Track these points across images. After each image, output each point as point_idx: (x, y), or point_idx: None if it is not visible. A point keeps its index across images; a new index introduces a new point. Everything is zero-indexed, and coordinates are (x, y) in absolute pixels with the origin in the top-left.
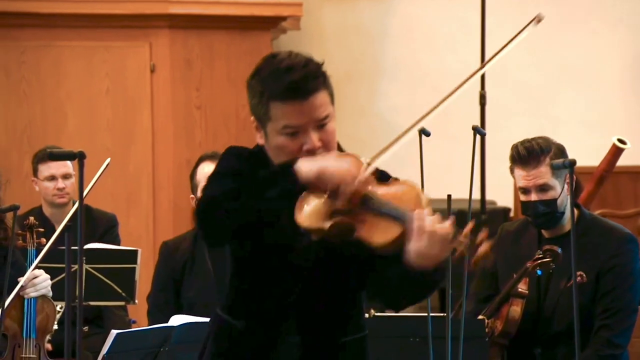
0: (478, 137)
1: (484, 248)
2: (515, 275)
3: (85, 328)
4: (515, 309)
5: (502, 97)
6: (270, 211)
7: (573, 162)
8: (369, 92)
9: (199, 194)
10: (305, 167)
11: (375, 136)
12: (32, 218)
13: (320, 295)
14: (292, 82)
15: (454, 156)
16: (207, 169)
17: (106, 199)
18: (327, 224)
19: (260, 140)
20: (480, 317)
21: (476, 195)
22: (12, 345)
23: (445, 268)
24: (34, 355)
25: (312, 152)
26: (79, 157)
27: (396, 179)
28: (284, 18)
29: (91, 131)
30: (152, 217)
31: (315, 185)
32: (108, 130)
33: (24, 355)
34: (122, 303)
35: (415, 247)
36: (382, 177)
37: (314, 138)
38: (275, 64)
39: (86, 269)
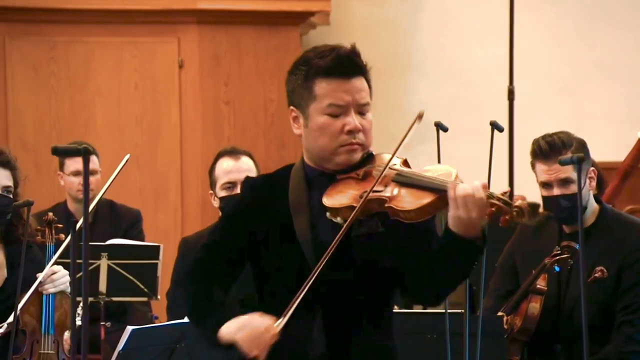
0: (497, 132)
1: (520, 203)
2: (534, 272)
3: (108, 324)
4: (534, 306)
5: (531, 91)
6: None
7: (581, 158)
8: (399, 88)
9: (217, 190)
10: (224, 332)
11: (404, 131)
12: (51, 214)
13: (346, 300)
14: (340, 57)
15: (482, 152)
16: (225, 164)
17: (134, 195)
18: (357, 202)
19: (297, 130)
20: (499, 313)
21: (504, 189)
22: (31, 341)
23: (485, 237)
24: (52, 351)
25: (352, 133)
26: (83, 153)
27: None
28: (312, 13)
29: (119, 127)
30: (180, 212)
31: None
32: (136, 126)
33: (42, 351)
34: (145, 299)
35: (453, 214)
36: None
37: (356, 120)
38: (320, 48)
39: (108, 265)
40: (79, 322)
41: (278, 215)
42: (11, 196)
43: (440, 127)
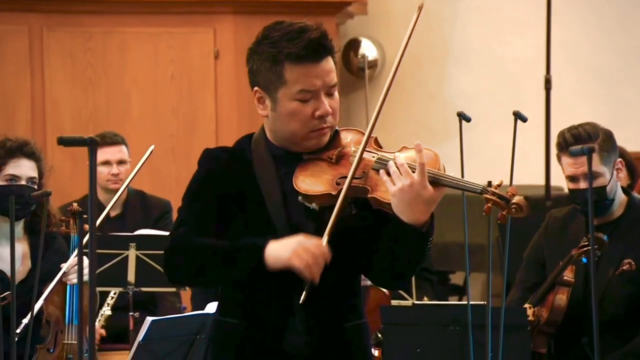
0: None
1: (518, 198)
2: (561, 263)
3: (136, 314)
4: (561, 297)
5: (570, 80)
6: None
7: (592, 149)
8: (437, 78)
9: None
10: (271, 258)
11: (445, 121)
12: (75, 204)
13: (325, 286)
14: (311, 41)
15: (519, 142)
16: None
17: (170, 185)
18: (334, 190)
19: (263, 112)
20: (526, 305)
21: (540, 181)
22: (55, 331)
23: (432, 228)
24: (75, 342)
25: (322, 118)
26: (89, 144)
27: (405, 147)
28: (348, 3)
29: (155, 117)
30: None
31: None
32: (172, 117)
33: (66, 342)
34: (174, 289)
35: (391, 191)
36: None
37: (327, 103)
38: (285, 28)
39: (137, 255)
40: (108, 312)
41: (245, 191)
42: (36, 187)
43: (462, 117)
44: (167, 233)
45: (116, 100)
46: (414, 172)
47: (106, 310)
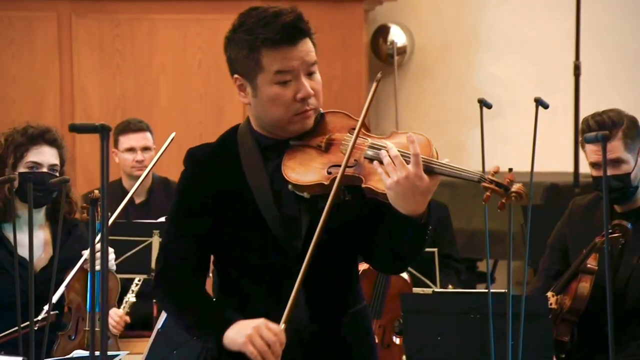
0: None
1: (517, 186)
2: (584, 251)
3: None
4: (584, 285)
5: (600, 66)
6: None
7: (606, 136)
8: (466, 63)
9: None
10: (228, 340)
11: (474, 108)
12: (96, 191)
13: (326, 278)
14: (286, 25)
15: (548, 128)
16: None
17: None
18: (326, 180)
19: (245, 99)
20: (549, 293)
21: (570, 168)
22: (76, 318)
23: (430, 218)
24: (97, 329)
25: (305, 100)
26: (100, 131)
27: (395, 133)
28: None
29: (183, 104)
30: None
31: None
32: (200, 104)
33: (87, 329)
34: None
35: (385, 182)
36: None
37: (307, 85)
38: (260, 13)
39: (160, 242)
40: (132, 299)
41: (234, 188)
42: (57, 174)
43: (484, 103)
44: None
45: (144, 87)
46: (408, 162)
47: (131, 297)
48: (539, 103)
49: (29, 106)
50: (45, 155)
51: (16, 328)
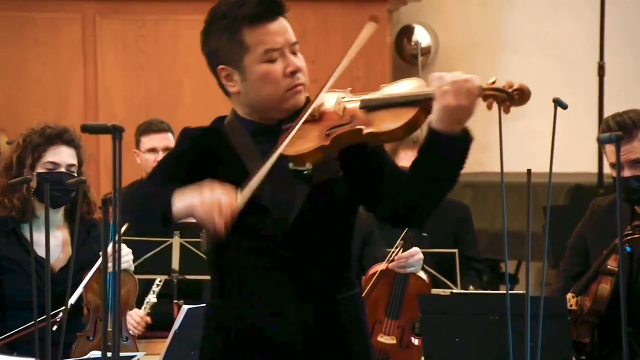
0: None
1: (517, 85)
2: (604, 252)
3: (181, 302)
4: (604, 287)
5: (624, 66)
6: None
7: (620, 137)
8: (490, 63)
9: None
10: (176, 206)
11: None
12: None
13: (310, 253)
14: (261, 1)
15: (571, 128)
16: None
17: None
18: (327, 141)
19: (233, 88)
20: (569, 294)
21: (593, 169)
22: (94, 319)
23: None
24: (110, 329)
25: (294, 75)
26: (113, 131)
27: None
28: None
29: (207, 104)
30: None
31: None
32: (224, 104)
33: (110, 330)
34: None
35: (440, 105)
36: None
37: (294, 60)
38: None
39: (180, 243)
40: (154, 300)
41: (227, 166)
42: (75, 174)
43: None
44: None
45: (168, 88)
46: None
47: (152, 298)
48: (558, 103)
49: (54, 107)
50: (62, 156)
51: (32, 323)
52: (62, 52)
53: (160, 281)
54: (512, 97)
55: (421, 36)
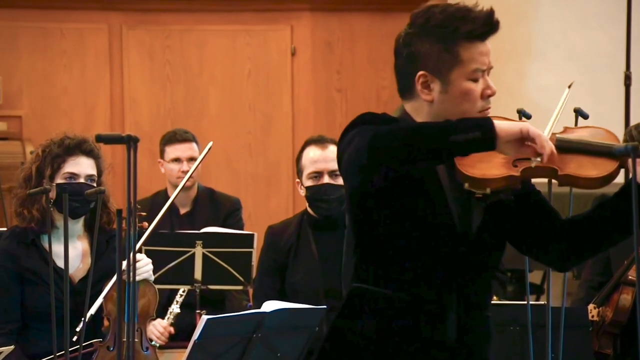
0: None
1: None
2: (626, 262)
3: (203, 311)
4: (626, 297)
5: None
6: (452, 152)
7: (636, 147)
8: (517, 73)
9: (304, 179)
10: (505, 125)
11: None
12: None
13: (477, 269)
14: (488, 17)
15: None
16: (312, 153)
17: (246, 181)
18: (516, 172)
19: (428, 96)
20: (591, 305)
21: (619, 178)
22: (115, 329)
23: None
24: (136, 340)
25: (488, 98)
26: (127, 141)
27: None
28: None
29: (233, 114)
30: (291, 199)
31: (511, 144)
32: (249, 113)
33: (125, 340)
34: (240, 287)
35: None
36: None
37: (492, 83)
38: (448, 9)
39: (203, 253)
40: (177, 310)
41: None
42: (95, 185)
43: (523, 114)
44: (232, 231)
45: (194, 97)
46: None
47: (175, 308)
48: (579, 113)
49: (80, 117)
50: (82, 166)
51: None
52: (89, 63)
53: (183, 291)
54: None
55: None
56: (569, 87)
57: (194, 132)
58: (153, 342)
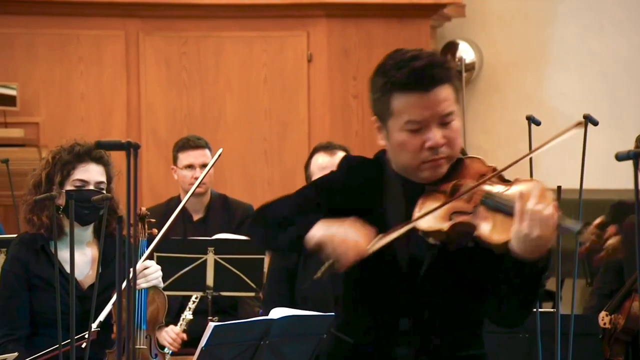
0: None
1: (613, 242)
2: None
3: (215, 318)
4: (638, 305)
5: None
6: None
7: (638, 154)
8: (535, 80)
9: None
10: (313, 232)
11: (542, 124)
12: (143, 208)
13: (435, 309)
14: (417, 69)
15: (621, 145)
16: (320, 160)
17: (262, 188)
18: (446, 225)
19: (381, 141)
20: (602, 312)
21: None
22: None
23: (549, 261)
24: (144, 347)
25: (434, 150)
26: (127, 148)
27: (524, 178)
28: (443, 5)
29: (249, 121)
30: None
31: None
32: (265, 120)
33: (136, 347)
34: (252, 294)
35: (516, 229)
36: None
37: (437, 135)
38: (399, 56)
39: (215, 260)
40: (190, 316)
41: (373, 212)
42: (104, 192)
43: (532, 120)
44: (244, 237)
45: (210, 104)
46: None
47: (188, 315)
48: (588, 120)
49: (97, 123)
50: (91, 173)
51: (57, 346)
52: (106, 70)
53: (196, 298)
54: (606, 251)
55: (465, 52)
56: (578, 124)
57: (210, 139)
58: (166, 349)
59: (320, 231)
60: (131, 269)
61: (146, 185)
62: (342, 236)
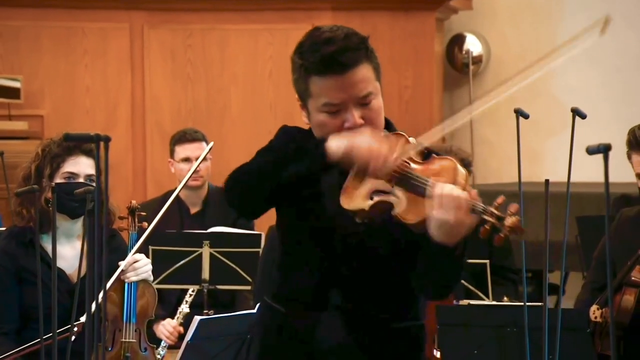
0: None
1: (512, 220)
2: (629, 263)
3: (211, 311)
4: (628, 299)
5: None
6: (290, 183)
7: (608, 147)
8: (544, 73)
9: None
10: (335, 144)
11: (550, 117)
12: (134, 202)
13: (365, 277)
14: (329, 55)
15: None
16: None
17: None
18: (367, 204)
19: (304, 118)
20: (593, 306)
21: None
22: (113, 329)
23: (464, 249)
24: (134, 340)
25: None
26: (96, 140)
27: (440, 156)
28: None
29: (254, 114)
30: None
31: (345, 163)
32: (270, 113)
33: (124, 340)
34: (248, 287)
35: (432, 214)
36: (428, 155)
37: (355, 115)
38: (315, 37)
39: (210, 253)
40: (186, 310)
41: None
42: (94, 185)
43: (520, 113)
44: (239, 231)
45: (215, 97)
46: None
47: (184, 308)
48: (576, 113)
49: (102, 116)
50: (81, 166)
51: (38, 340)
52: (111, 62)
53: (193, 291)
54: (505, 232)
55: (472, 45)
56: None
57: (215, 132)
58: (163, 342)
59: (343, 141)
60: (122, 263)
61: (151, 179)
62: (367, 144)
